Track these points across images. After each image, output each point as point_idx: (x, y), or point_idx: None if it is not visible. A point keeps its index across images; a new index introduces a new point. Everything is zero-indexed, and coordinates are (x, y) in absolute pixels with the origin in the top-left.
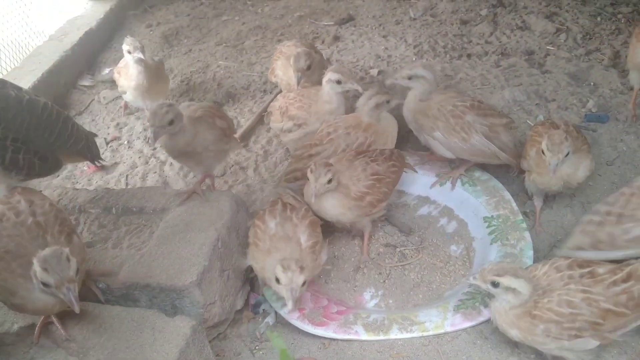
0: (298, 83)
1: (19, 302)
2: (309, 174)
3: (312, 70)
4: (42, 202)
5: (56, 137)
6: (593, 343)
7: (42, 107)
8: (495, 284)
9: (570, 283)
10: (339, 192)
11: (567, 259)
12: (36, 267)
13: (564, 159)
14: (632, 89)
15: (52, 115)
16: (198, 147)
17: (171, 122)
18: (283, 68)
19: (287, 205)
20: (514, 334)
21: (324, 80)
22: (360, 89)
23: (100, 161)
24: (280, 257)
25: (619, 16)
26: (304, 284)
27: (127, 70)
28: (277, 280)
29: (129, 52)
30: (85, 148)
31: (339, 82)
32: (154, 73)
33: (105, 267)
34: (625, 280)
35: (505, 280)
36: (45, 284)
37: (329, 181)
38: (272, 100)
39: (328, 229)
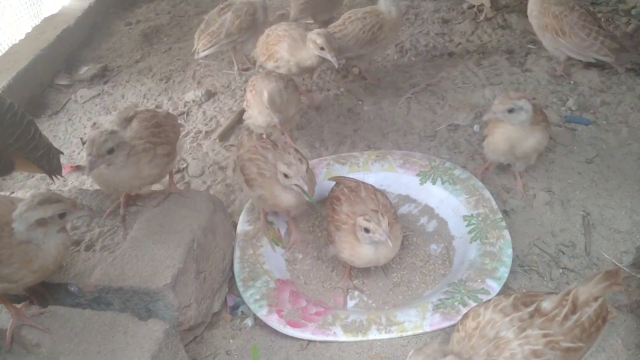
0: (280, 122)
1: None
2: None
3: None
4: None
5: (16, 139)
6: None
7: (7, 106)
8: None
9: (525, 328)
10: None
11: (508, 297)
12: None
13: (510, 116)
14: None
15: (17, 116)
16: (143, 182)
17: (111, 151)
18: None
19: (273, 140)
20: None
21: (309, 37)
22: (336, 65)
23: (58, 177)
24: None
25: (599, 15)
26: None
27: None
28: (286, 176)
29: None
30: (44, 159)
31: (322, 48)
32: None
33: None
34: (573, 311)
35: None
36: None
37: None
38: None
39: (307, 230)
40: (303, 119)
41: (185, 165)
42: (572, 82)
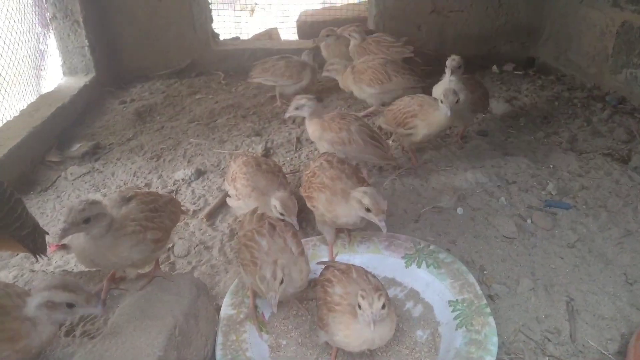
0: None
1: None
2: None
3: None
4: None
5: (2, 216)
6: None
7: None
8: None
9: None
10: None
11: None
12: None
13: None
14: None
15: (5, 194)
16: (123, 262)
17: (87, 221)
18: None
19: (272, 223)
20: None
21: (272, 201)
22: (296, 226)
23: (43, 257)
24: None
25: (575, 101)
26: (281, 283)
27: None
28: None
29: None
30: (29, 237)
31: (281, 214)
32: None
33: None
34: None
35: None
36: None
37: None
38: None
39: (292, 314)
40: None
41: (171, 244)
42: (551, 165)
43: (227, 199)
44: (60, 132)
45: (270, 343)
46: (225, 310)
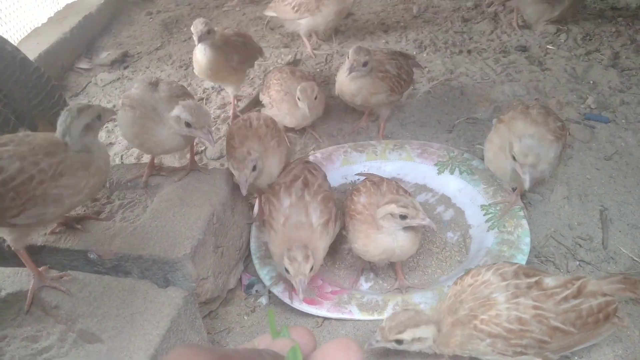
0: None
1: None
2: None
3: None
4: None
5: (40, 101)
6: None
7: (34, 68)
8: (399, 342)
9: (518, 295)
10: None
11: (513, 265)
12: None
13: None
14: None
15: (42, 79)
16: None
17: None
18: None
19: (307, 181)
20: (449, 352)
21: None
22: (307, 112)
23: None
24: (289, 246)
25: (619, 20)
26: (311, 269)
27: None
28: (287, 271)
29: None
30: None
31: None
32: None
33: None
34: (575, 296)
35: (407, 335)
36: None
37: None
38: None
39: None
40: None
41: (203, 148)
42: (591, 81)
43: (262, 110)
44: (89, 41)
45: None
46: (259, 208)
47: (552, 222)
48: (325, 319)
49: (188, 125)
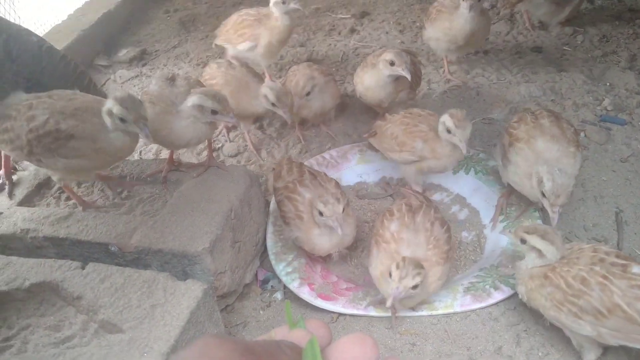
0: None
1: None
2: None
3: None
4: None
5: (69, 87)
6: (588, 331)
7: (61, 56)
8: (523, 241)
9: (597, 264)
10: None
11: (611, 248)
12: (113, 105)
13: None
14: None
15: (70, 66)
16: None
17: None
18: None
19: (312, 173)
20: (521, 290)
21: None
22: (288, 120)
23: None
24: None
25: (637, 21)
26: (343, 210)
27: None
28: (321, 214)
29: None
30: None
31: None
32: None
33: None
34: None
35: (531, 239)
36: (122, 119)
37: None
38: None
39: None
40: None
41: (220, 145)
42: (607, 83)
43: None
44: (107, 38)
45: None
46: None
47: (567, 223)
48: (340, 314)
49: (214, 112)
